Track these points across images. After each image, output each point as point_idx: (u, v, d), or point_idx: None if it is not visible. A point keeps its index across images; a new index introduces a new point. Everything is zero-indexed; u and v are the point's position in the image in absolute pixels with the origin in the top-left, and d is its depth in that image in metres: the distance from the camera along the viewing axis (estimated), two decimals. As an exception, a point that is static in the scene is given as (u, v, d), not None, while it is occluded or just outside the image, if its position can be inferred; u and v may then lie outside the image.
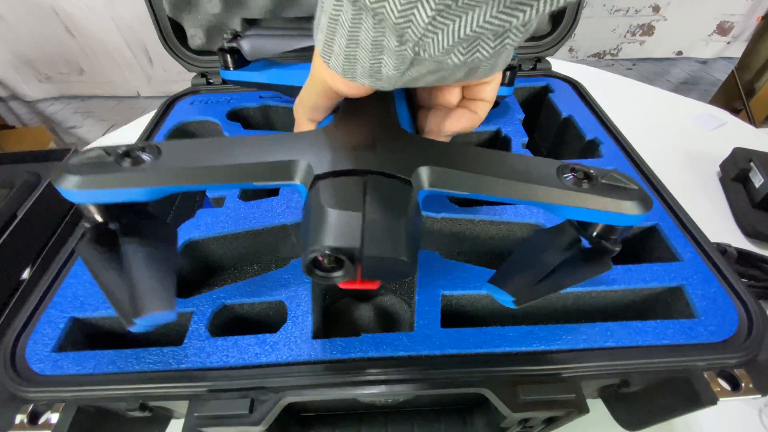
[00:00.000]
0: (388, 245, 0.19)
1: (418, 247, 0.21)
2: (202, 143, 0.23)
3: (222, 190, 0.21)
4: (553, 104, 0.46)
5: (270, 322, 0.30)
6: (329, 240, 0.18)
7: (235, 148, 0.22)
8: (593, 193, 0.21)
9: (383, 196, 0.20)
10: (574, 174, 0.22)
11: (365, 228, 0.19)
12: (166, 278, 0.22)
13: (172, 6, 0.47)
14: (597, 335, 0.26)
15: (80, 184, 0.20)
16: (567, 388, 0.24)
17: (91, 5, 1.69)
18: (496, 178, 0.22)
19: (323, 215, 0.19)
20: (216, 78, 0.51)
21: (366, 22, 0.18)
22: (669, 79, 2.00)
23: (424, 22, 0.16)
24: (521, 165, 0.23)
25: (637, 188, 0.22)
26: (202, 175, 0.21)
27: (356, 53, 0.20)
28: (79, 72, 1.94)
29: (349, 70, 0.21)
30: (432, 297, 0.28)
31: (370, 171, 0.21)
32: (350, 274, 0.19)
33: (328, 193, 0.20)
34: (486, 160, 0.23)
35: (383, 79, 0.20)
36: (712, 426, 0.37)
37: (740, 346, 0.25)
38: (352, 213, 0.19)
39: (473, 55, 0.17)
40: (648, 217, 0.32)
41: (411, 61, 0.18)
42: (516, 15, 0.15)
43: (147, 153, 0.21)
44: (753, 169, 0.54)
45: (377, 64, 0.19)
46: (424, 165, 0.22)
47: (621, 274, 0.29)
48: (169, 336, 0.29)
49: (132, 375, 0.25)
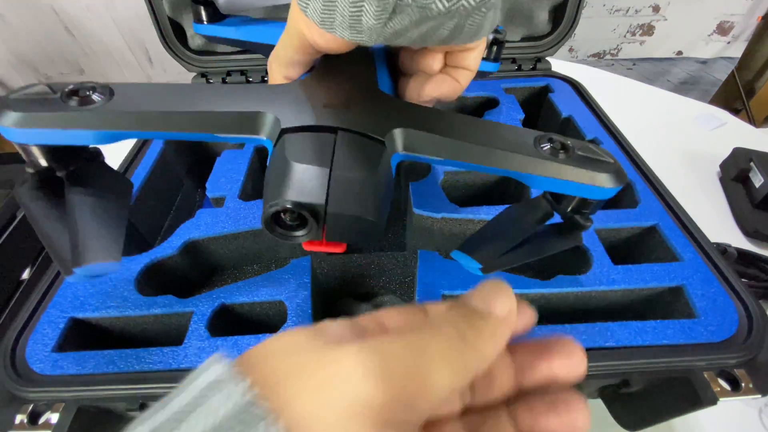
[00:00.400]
0: (355, 203, 0.18)
1: (387, 210, 0.20)
2: (162, 87, 0.21)
3: (179, 138, 0.20)
4: (553, 104, 0.46)
5: (270, 322, 0.30)
6: (292, 194, 0.17)
7: (198, 94, 0.21)
8: (568, 164, 0.21)
9: (353, 153, 0.19)
10: (551, 144, 0.21)
11: (331, 184, 0.18)
12: (113, 229, 0.21)
13: (172, 6, 0.46)
14: (597, 335, 0.26)
15: (21, 122, 0.18)
16: (567, 388, 0.24)
17: (91, 5, 1.69)
18: (473, 145, 0.21)
19: (287, 169, 0.18)
20: (216, 78, 0.51)
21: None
22: (669, 79, 2.00)
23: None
24: (499, 133, 0.22)
25: (612, 161, 0.21)
26: (156, 121, 0.19)
27: (336, 1, 0.18)
28: (79, 72, 1.93)
29: (328, 19, 0.19)
30: (432, 297, 0.28)
31: (341, 128, 0.20)
32: (313, 233, 0.19)
33: (294, 146, 0.19)
34: (463, 126, 0.22)
35: (363, 31, 0.19)
36: (712, 426, 0.37)
37: (740, 346, 0.25)
38: (318, 168, 0.18)
39: (459, 1, 0.16)
40: (648, 217, 0.33)
41: (393, 8, 0.17)
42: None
43: (98, 93, 0.19)
44: (753, 169, 0.54)
45: (357, 12, 0.18)
46: (398, 127, 0.21)
47: (621, 274, 0.29)
48: (169, 336, 0.29)
49: (132, 375, 0.25)
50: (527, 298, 0.29)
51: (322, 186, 0.18)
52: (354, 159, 0.19)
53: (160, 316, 0.28)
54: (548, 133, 0.22)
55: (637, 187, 0.35)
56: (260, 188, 0.43)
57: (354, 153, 0.19)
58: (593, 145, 0.22)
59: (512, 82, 0.49)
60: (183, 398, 0.11)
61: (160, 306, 0.28)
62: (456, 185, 0.39)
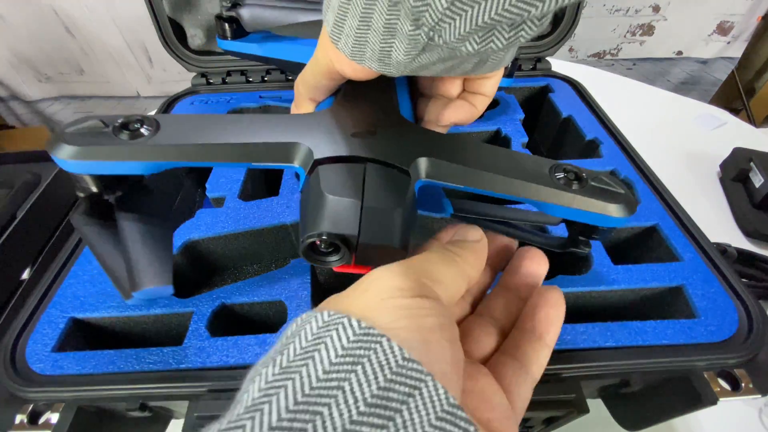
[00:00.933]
0: (384, 234, 0.20)
1: (410, 237, 0.22)
2: (202, 119, 0.23)
3: (219, 167, 0.21)
4: (553, 104, 0.46)
5: (270, 321, 0.30)
6: (328, 226, 0.19)
7: (236, 126, 0.22)
8: (581, 194, 0.22)
9: (382, 185, 0.21)
10: (566, 174, 0.23)
11: (363, 216, 0.20)
12: (162, 253, 0.22)
13: (172, 6, 0.47)
14: (597, 335, 0.26)
15: (76, 155, 0.20)
16: (567, 388, 0.24)
17: (91, 5, 1.69)
18: (490, 174, 0.22)
19: (323, 201, 0.20)
20: (216, 78, 0.51)
21: (380, 3, 0.18)
22: (669, 79, 2.00)
23: (443, 6, 0.16)
24: (516, 162, 0.23)
25: (623, 192, 0.22)
26: (200, 153, 0.21)
27: (367, 36, 0.19)
28: (79, 72, 1.94)
29: (358, 53, 0.21)
30: (432, 297, 0.28)
31: (369, 159, 0.22)
32: (345, 258, 0.20)
33: (328, 179, 0.20)
34: (483, 155, 0.23)
35: (392, 65, 0.20)
36: (712, 426, 0.37)
37: (740, 346, 0.25)
38: (350, 200, 0.20)
39: (487, 44, 0.17)
40: (648, 217, 0.33)
41: (423, 47, 0.18)
42: (536, 4, 0.15)
43: (145, 126, 0.21)
44: (753, 169, 0.54)
45: (388, 48, 0.19)
46: (422, 156, 0.22)
47: (621, 274, 0.29)
48: (169, 336, 0.29)
49: (132, 375, 0.25)
50: (527, 298, 0.29)
51: (355, 217, 0.20)
52: (382, 191, 0.21)
53: (160, 316, 0.28)
54: (563, 162, 0.23)
55: (637, 187, 0.35)
56: (260, 189, 0.43)
57: (382, 185, 0.21)
58: (606, 175, 0.23)
59: (512, 82, 0.49)
60: (298, 344, 0.13)
61: (160, 306, 0.28)
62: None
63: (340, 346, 0.12)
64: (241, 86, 0.50)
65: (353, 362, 0.12)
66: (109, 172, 0.21)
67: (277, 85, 0.50)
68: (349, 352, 0.12)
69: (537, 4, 0.15)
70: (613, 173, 0.37)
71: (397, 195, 0.21)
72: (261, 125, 0.23)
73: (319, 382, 0.12)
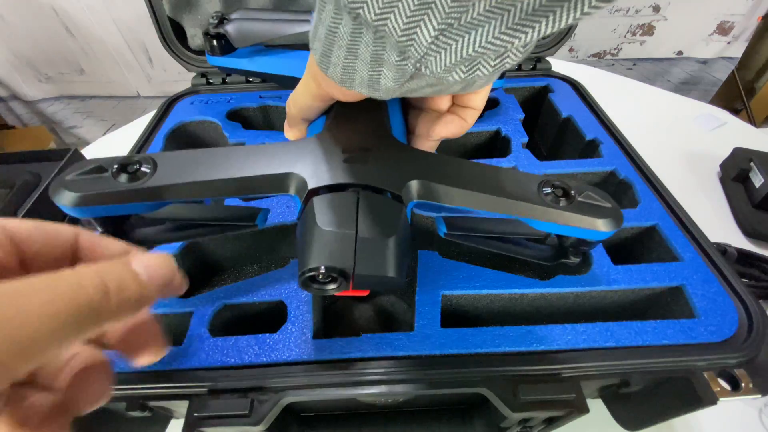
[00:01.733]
0: (378, 264, 0.20)
1: (407, 260, 0.22)
2: (197, 155, 0.23)
3: (218, 199, 0.22)
4: (553, 104, 0.46)
5: (270, 322, 0.30)
6: (324, 260, 0.19)
7: (231, 159, 0.23)
8: (569, 210, 0.23)
9: (374, 213, 0.21)
10: (553, 190, 0.23)
11: (357, 248, 0.20)
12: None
13: (172, 6, 0.47)
14: (597, 335, 0.26)
15: (78, 202, 0.20)
16: (567, 388, 0.24)
17: (91, 5, 1.69)
18: (480, 194, 0.23)
19: (318, 234, 0.20)
20: (216, 78, 0.51)
21: (366, 36, 0.18)
22: (669, 79, 2.00)
23: (427, 41, 0.16)
24: (505, 180, 0.24)
25: (610, 206, 0.23)
26: (198, 191, 0.21)
27: (355, 65, 0.20)
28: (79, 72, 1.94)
29: (348, 80, 0.21)
30: (432, 297, 0.28)
31: (362, 185, 0.22)
32: (343, 286, 0.20)
33: (321, 211, 0.21)
34: (472, 175, 0.24)
35: (381, 90, 0.20)
36: (712, 426, 0.37)
37: (740, 346, 0.25)
38: (345, 232, 0.20)
39: (473, 73, 0.17)
40: (648, 217, 0.33)
41: (411, 75, 0.18)
42: (518, 36, 0.15)
43: (144, 166, 0.21)
44: (753, 169, 0.54)
45: (376, 75, 0.19)
46: (413, 179, 0.23)
47: (621, 274, 0.29)
48: (169, 336, 0.29)
49: (132, 375, 0.25)
50: (527, 298, 0.29)
51: (350, 250, 0.20)
52: (375, 221, 0.21)
53: (160, 316, 0.28)
54: (551, 177, 0.24)
55: (637, 187, 0.35)
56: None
57: (375, 213, 0.21)
58: (593, 189, 0.24)
59: (512, 82, 0.49)
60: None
61: (160, 306, 0.28)
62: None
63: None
64: (241, 86, 0.50)
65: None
66: (111, 214, 0.22)
67: (277, 85, 0.50)
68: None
69: (519, 35, 0.15)
70: (613, 173, 0.37)
71: (390, 223, 0.21)
72: (255, 157, 0.23)
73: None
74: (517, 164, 0.37)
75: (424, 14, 0.15)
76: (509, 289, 0.28)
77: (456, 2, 0.15)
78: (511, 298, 0.29)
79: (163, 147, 0.42)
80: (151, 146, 0.41)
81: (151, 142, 0.42)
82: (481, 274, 0.29)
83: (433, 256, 0.30)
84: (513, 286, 0.28)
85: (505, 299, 0.29)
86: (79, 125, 1.91)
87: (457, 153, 0.44)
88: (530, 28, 0.15)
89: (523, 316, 0.30)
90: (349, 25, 0.18)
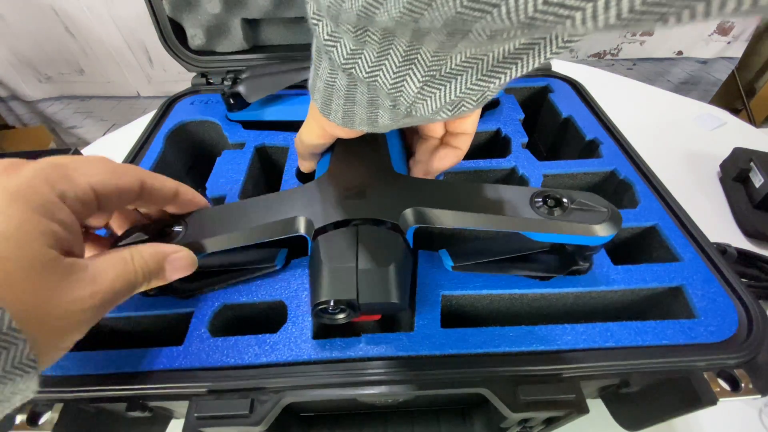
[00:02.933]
0: (380, 292, 0.22)
1: (408, 285, 0.24)
2: (223, 209, 0.27)
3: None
4: (553, 104, 0.46)
5: (270, 322, 0.30)
6: (330, 293, 0.22)
7: (249, 210, 0.26)
8: (563, 220, 0.23)
9: (373, 245, 0.23)
10: (546, 202, 0.24)
11: (359, 279, 0.22)
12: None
13: (172, 6, 0.46)
14: (597, 335, 0.26)
15: None
16: (567, 389, 0.24)
17: (91, 5, 1.69)
18: (475, 213, 0.24)
19: (324, 270, 0.23)
20: (216, 78, 0.51)
21: (361, 88, 0.20)
22: (669, 79, 2.00)
23: (413, 92, 0.18)
24: (497, 197, 0.25)
25: (605, 210, 0.23)
26: (223, 242, 0.25)
27: (354, 109, 0.22)
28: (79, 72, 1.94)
29: (349, 122, 0.23)
30: (432, 297, 0.28)
31: (361, 219, 0.24)
32: (352, 315, 0.23)
33: (325, 248, 0.23)
34: (466, 196, 0.25)
35: (379, 127, 0.22)
36: (712, 426, 0.37)
37: (740, 347, 0.25)
38: (346, 266, 0.22)
39: (459, 111, 0.19)
40: (648, 217, 0.33)
41: (404, 116, 0.20)
42: (493, 81, 0.17)
43: (177, 226, 0.25)
44: (753, 169, 0.54)
45: (374, 116, 0.21)
46: (409, 207, 0.25)
47: (621, 275, 0.29)
48: (169, 336, 0.29)
49: (132, 375, 0.25)
50: (527, 298, 0.29)
51: (352, 281, 0.22)
52: (374, 252, 0.23)
53: (160, 316, 0.28)
54: (544, 189, 0.25)
55: (637, 188, 0.35)
56: (260, 189, 0.43)
57: (374, 245, 0.23)
58: (587, 195, 0.24)
59: (512, 82, 0.49)
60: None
61: (160, 306, 0.28)
62: (456, 185, 0.39)
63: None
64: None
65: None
66: None
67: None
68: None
69: (494, 80, 0.17)
70: (613, 173, 0.37)
71: (388, 252, 0.23)
72: (269, 205, 0.27)
73: None
74: (517, 164, 0.37)
75: (409, 69, 0.17)
76: (509, 290, 0.28)
77: (435, 56, 0.17)
78: (512, 298, 0.29)
79: (163, 147, 0.42)
80: (151, 146, 0.41)
81: (151, 143, 0.42)
82: (481, 275, 0.29)
83: (433, 256, 0.30)
84: (513, 287, 0.28)
85: (506, 299, 0.29)
86: (79, 125, 1.91)
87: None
88: (503, 73, 0.17)
89: (523, 316, 0.30)
90: (345, 80, 0.20)
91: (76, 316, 0.18)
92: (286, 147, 0.40)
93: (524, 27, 0.11)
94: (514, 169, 0.37)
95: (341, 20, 0.16)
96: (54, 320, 0.17)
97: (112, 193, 0.21)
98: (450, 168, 0.29)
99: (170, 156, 0.43)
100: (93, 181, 0.20)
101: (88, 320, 0.19)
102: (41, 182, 0.18)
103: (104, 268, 0.20)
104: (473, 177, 0.38)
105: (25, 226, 0.16)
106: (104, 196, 0.21)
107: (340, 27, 0.17)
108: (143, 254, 0.22)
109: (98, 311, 0.19)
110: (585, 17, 0.10)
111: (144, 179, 0.23)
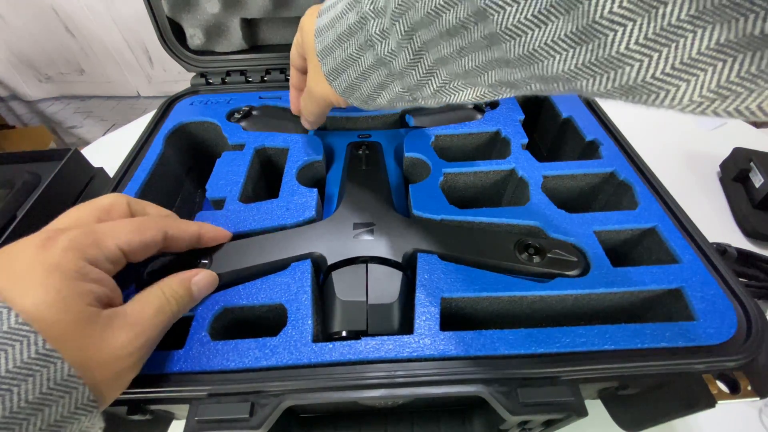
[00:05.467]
0: (386, 323, 0.27)
1: (408, 313, 0.28)
2: (246, 244, 0.31)
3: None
4: (553, 105, 0.46)
5: (270, 325, 0.30)
6: (343, 326, 0.27)
7: (267, 245, 0.30)
8: (541, 267, 0.29)
9: (381, 282, 0.28)
10: (527, 250, 0.29)
11: (369, 314, 0.27)
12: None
13: (171, 6, 0.46)
14: (596, 338, 0.26)
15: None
16: (566, 391, 0.24)
17: (91, 5, 1.69)
18: (466, 256, 0.29)
19: (338, 303, 0.27)
20: (216, 78, 0.51)
21: (382, 71, 0.23)
22: (670, 78, 1.99)
23: (432, 91, 0.22)
24: (484, 242, 0.30)
25: (575, 260, 0.29)
26: (245, 275, 0.29)
27: (361, 85, 0.24)
28: (79, 72, 1.94)
29: (348, 94, 0.26)
30: (431, 299, 0.28)
31: (370, 258, 0.29)
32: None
33: (339, 283, 0.28)
34: (457, 240, 0.30)
35: (371, 106, 0.25)
36: (712, 426, 0.37)
37: (739, 349, 0.25)
38: (358, 301, 0.27)
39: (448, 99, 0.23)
40: (647, 218, 0.33)
41: (407, 102, 0.24)
42: (495, 95, 0.21)
43: (204, 259, 0.29)
44: (753, 169, 0.54)
45: (375, 95, 0.24)
46: (409, 249, 0.30)
47: (620, 277, 0.29)
48: (169, 339, 0.29)
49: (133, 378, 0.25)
50: (526, 300, 0.29)
51: (362, 315, 0.27)
52: (381, 288, 0.28)
53: None
54: (525, 238, 0.30)
55: (637, 189, 0.35)
56: (260, 190, 0.43)
57: (382, 282, 0.28)
58: (562, 244, 0.30)
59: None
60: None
61: (160, 309, 0.28)
62: (455, 186, 0.39)
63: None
64: (240, 86, 0.50)
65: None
66: None
67: (277, 85, 0.50)
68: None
69: (496, 95, 0.21)
70: (613, 174, 0.37)
71: (393, 289, 0.28)
72: (288, 240, 0.30)
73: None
74: (517, 166, 0.37)
75: (434, 73, 0.21)
76: (509, 292, 0.28)
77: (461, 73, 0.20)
78: (511, 300, 0.29)
79: (163, 148, 0.42)
80: (150, 147, 0.41)
81: (151, 143, 0.42)
82: (481, 277, 0.29)
83: (433, 259, 0.30)
84: (512, 289, 0.28)
85: (505, 302, 0.29)
86: (79, 125, 1.91)
87: (457, 154, 0.44)
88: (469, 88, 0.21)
89: (523, 318, 0.31)
90: (371, 61, 0.23)
91: (124, 358, 0.21)
92: (286, 148, 0.40)
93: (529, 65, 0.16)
94: (513, 170, 0.37)
95: (404, 20, 0.20)
96: (106, 365, 0.20)
97: (137, 249, 0.24)
98: (445, 168, 0.33)
99: (170, 157, 0.43)
100: (120, 242, 0.23)
101: (137, 359, 0.22)
102: (74, 253, 0.20)
103: (141, 308, 0.23)
104: (473, 178, 0.38)
105: (63, 292, 0.19)
106: (131, 252, 0.24)
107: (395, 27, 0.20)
108: (172, 285, 0.25)
109: (145, 348, 0.22)
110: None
111: (167, 230, 0.26)
